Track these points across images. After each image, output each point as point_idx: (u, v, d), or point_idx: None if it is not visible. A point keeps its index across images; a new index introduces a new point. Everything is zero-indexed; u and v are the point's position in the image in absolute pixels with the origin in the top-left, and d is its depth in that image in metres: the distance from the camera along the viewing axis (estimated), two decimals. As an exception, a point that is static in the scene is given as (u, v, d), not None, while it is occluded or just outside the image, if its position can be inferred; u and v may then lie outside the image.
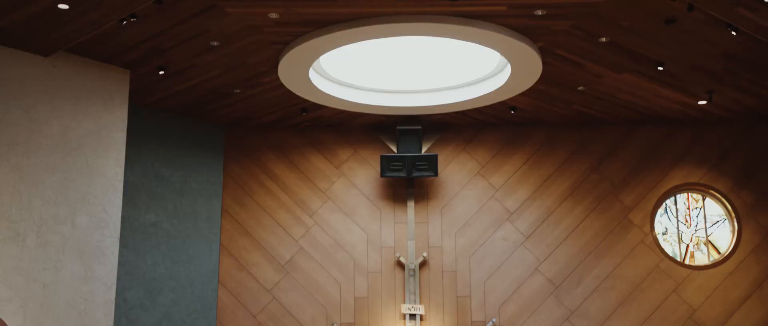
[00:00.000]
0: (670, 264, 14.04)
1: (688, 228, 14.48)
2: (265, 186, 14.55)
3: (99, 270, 11.18)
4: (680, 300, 13.81)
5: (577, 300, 13.94)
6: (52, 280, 10.68)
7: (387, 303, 14.06)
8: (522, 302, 13.99)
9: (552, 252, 14.18)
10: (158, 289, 13.22)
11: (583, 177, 14.49)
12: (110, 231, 11.44)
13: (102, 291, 11.14)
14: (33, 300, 10.44)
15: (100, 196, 11.44)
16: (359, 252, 14.34)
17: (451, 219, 14.43)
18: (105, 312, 11.09)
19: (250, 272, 14.17)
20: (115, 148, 11.75)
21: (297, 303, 14.08)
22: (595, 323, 13.80)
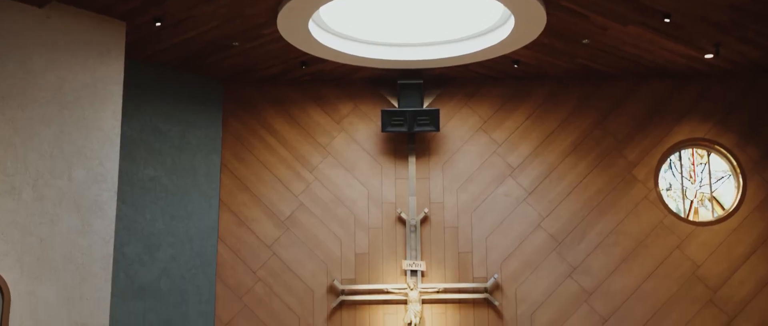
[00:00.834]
0: (673, 220, 13.91)
1: (693, 183, 14.33)
2: (264, 142, 14.38)
3: (96, 225, 11.05)
4: (684, 257, 13.71)
5: (580, 256, 13.83)
6: (48, 234, 10.55)
7: (388, 259, 13.96)
8: (524, 258, 13.89)
9: (554, 208, 14.05)
10: (157, 245, 13.11)
11: (587, 132, 14.31)
12: (108, 185, 11.29)
13: (100, 245, 11.02)
14: (29, 254, 10.32)
15: (97, 150, 11.27)
16: (360, 207, 14.21)
17: (453, 175, 14.28)
18: (103, 266, 10.98)
19: (249, 228, 14.05)
20: (111, 101, 11.56)
21: (297, 258, 13.98)
22: (597, 279, 13.71)
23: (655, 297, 13.57)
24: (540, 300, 13.71)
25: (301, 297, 13.85)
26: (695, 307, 13.49)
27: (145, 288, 12.88)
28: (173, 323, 13.12)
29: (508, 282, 13.82)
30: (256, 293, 13.85)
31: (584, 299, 13.68)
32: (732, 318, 13.42)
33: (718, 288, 13.55)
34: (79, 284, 10.69)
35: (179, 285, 13.27)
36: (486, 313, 13.72)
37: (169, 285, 13.15)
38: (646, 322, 13.48)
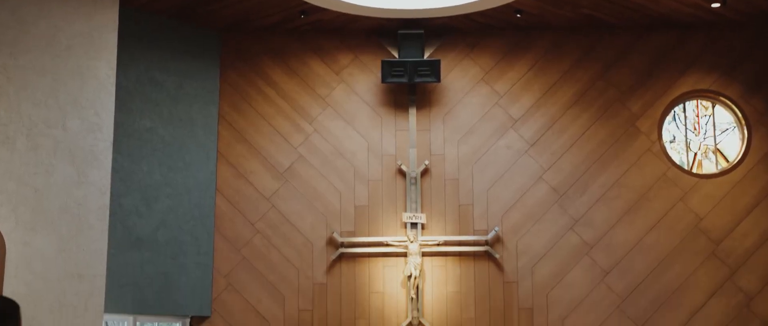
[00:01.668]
0: (677, 172, 13.77)
1: (697, 135, 14.16)
2: (262, 93, 14.18)
3: (92, 175, 10.90)
4: (687, 209, 13.59)
5: (582, 208, 13.72)
6: (44, 184, 10.41)
7: (388, 211, 13.84)
8: (525, 211, 13.77)
9: (557, 160, 13.90)
10: (154, 196, 12.98)
11: (590, 83, 14.10)
12: (103, 135, 11.11)
13: (96, 196, 10.88)
14: (25, 204, 10.19)
15: (92, 99, 11.09)
16: (359, 160, 14.06)
17: (454, 127, 14.11)
18: (99, 217, 10.85)
19: (248, 180, 13.91)
20: (106, 50, 11.34)
21: (296, 211, 13.86)
22: (599, 232, 13.61)
23: (657, 250, 13.48)
24: (541, 252, 13.62)
25: (300, 250, 13.76)
26: (698, 260, 13.40)
27: (143, 239, 12.77)
28: (171, 275, 13.05)
29: (509, 235, 13.72)
30: (255, 245, 13.76)
31: (586, 252, 13.59)
32: (734, 271, 13.34)
33: (721, 240, 13.45)
34: (75, 235, 10.57)
35: (177, 237, 13.17)
36: (486, 266, 13.64)
37: (166, 237, 13.05)
38: (648, 275, 13.40)
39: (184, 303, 13.22)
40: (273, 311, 13.60)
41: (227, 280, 13.63)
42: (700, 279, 13.36)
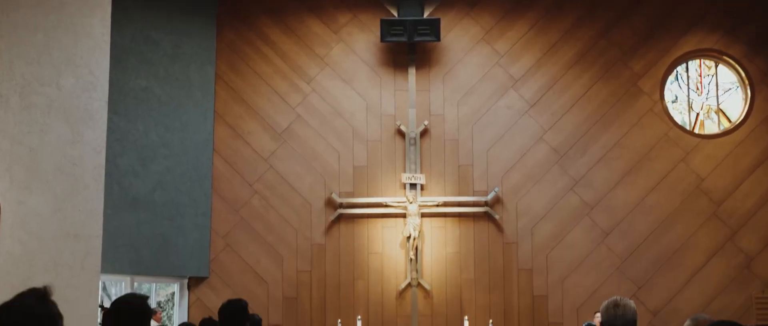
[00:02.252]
0: (679, 132, 13.64)
1: (699, 95, 14.01)
2: (260, 52, 13.99)
3: (87, 135, 10.71)
4: (688, 170, 13.48)
5: (582, 169, 13.61)
6: (38, 144, 10.22)
7: (387, 172, 13.73)
8: (525, 171, 13.66)
9: (557, 120, 13.76)
10: (151, 157, 12.85)
11: (591, 43, 13.92)
12: (98, 94, 10.89)
13: (91, 155, 10.70)
14: (19, 163, 10.02)
15: (86, 57, 10.85)
16: (358, 120, 13.91)
17: (454, 87, 13.94)
18: (95, 176, 10.68)
19: (245, 140, 13.78)
20: (100, 7, 11.08)
21: (295, 171, 13.75)
22: (600, 193, 13.51)
23: (657, 211, 13.40)
24: (541, 213, 13.54)
25: (298, 211, 13.67)
26: (699, 220, 13.33)
27: (140, 200, 12.67)
28: (168, 235, 12.96)
29: (509, 196, 13.63)
30: (253, 206, 13.66)
31: (586, 213, 13.51)
32: (735, 231, 13.27)
33: (723, 201, 13.37)
34: (70, 195, 10.40)
35: (174, 198, 13.06)
36: (486, 227, 13.57)
37: (163, 198, 12.94)
38: (648, 236, 13.34)
39: (182, 263, 13.15)
40: (271, 272, 13.54)
41: (225, 241, 13.56)
42: (700, 239, 13.29)
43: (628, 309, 3.87)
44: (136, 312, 3.58)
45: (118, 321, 3.58)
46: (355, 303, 13.45)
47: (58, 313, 2.63)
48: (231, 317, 4.40)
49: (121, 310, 3.60)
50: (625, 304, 3.89)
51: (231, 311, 4.41)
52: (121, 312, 3.59)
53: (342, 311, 13.39)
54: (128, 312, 3.57)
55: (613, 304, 3.90)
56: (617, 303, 3.90)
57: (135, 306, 3.61)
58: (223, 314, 4.43)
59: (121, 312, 3.59)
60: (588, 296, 13.22)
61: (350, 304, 13.44)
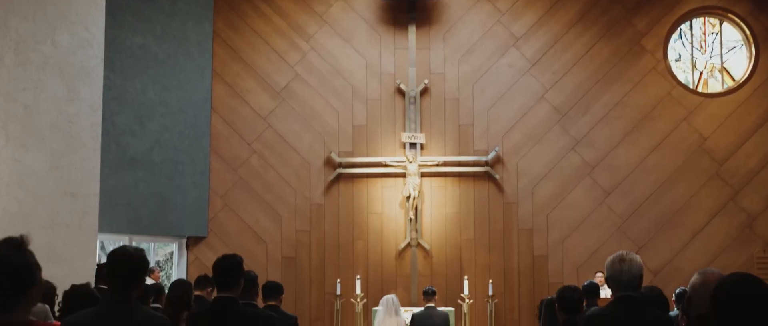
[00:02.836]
0: (682, 91, 13.49)
1: (703, 54, 13.83)
2: (258, 9, 13.79)
3: (83, 92, 10.58)
4: (691, 129, 13.35)
5: (584, 129, 13.48)
6: (33, 101, 10.09)
7: (386, 131, 13.61)
8: (526, 131, 13.53)
9: (559, 79, 13.60)
10: (148, 115, 12.72)
11: (594, 0, 13.71)
12: (94, 51, 10.74)
13: (87, 113, 10.58)
14: (14, 121, 9.90)
15: (81, 14, 10.68)
16: (358, 79, 13.75)
17: (454, 45, 13.76)
18: (91, 134, 10.57)
19: (244, 99, 13.64)
20: (95, -37, 10.91)
21: (293, 130, 13.63)
22: (601, 152, 13.40)
23: (659, 171, 13.30)
24: (542, 173, 13.44)
25: (297, 170, 13.57)
26: (701, 180, 13.23)
27: (137, 158, 12.56)
28: (167, 194, 12.87)
29: (510, 155, 13.52)
30: (252, 165, 13.56)
31: (587, 172, 13.41)
32: (737, 191, 13.18)
33: (725, 160, 13.26)
34: (67, 153, 10.30)
35: (172, 157, 12.95)
36: (486, 187, 13.47)
37: (161, 157, 12.83)
38: (650, 196, 13.25)
39: (180, 223, 13.08)
40: (270, 231, 13.47)
41: (224, 201, 13.48)
42: (702, 199, 13.20)
43: (634, 264, 3.76)
44: (132, 263, 3.47)
45: (114, 273, 3.47)
46: (354, 263, 13.41)
47: (35, 263, 2.53)
48: (225, 273, 4.27)
49: (117, 261, 3.49)
50: (631, 259, 3.78)
51: (225, 266, 4.29)
52: (118, 264, 3.48)
53: (341, 271, 13.34)
54: (125, 264, 3.46)
55: (618, 259, 3.78)
56: (623, 257, 3.78)
57: (132, 256, 3.49)
58: (217, 269, 4.30)
59: (117, 264, 3.48)
60: (588, 256, 13.17)
61: (349, 264, 13.40)
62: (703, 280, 3.03)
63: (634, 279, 3.74)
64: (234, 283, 4.30)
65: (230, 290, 4.29)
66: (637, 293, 3.79)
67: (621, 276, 3.74)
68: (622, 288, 3.76)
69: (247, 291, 5.30)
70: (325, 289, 13.38)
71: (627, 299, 3.74)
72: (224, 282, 4.30)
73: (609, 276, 3.79)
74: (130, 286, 3.46)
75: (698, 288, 3.03)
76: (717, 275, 3.03)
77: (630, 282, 3.75)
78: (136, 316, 3.41)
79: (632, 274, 3.74)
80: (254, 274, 5.45)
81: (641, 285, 3.83)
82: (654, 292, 4.99)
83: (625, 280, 3.74)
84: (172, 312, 5.13)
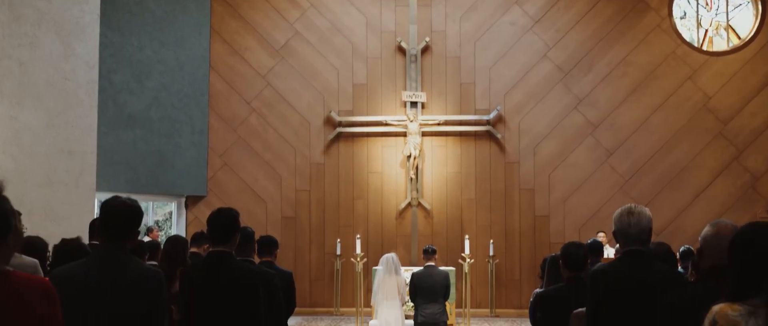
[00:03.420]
0: (686, 49, 13.31)
1: (709, 11, 13.62)
2: (256, -34, 13.59)
3: (79, 48, 10.42)
4: (695, 88, 13.19)
5: (587, 87, 13.32)
6: (28, 57, 9.94)
7: (387, 90, 13.45)
8: (528, 90, 13.38)
9: (562, 37, 13.41)
10: (146, 73, 12.56)
11: (599, -43, 13.50)
12: (89, 6, 10.56)
13: (84, 70, 10.43)
14: (9, 77, 9.75)
15: (76, -31, 10.51)
16: (358, 36, 13.57)
17: (456, 3, 13.55)
18: (88, 91, 10.43)
19: (243, 57, 13.47)
20: None
21: (293, 89, 13.48)
22: (604, 111, 13.26)
23: (662, 130, 13.16)
24: (544, 132, 13.31)
25: (296, 129, 13.44)
26: (704, 140, 13.10)
27: (135, 117, 12.43)
28: (165, 153, 12.76)
29: (512, 115, 13.38)
30: (251, 124, 13.44)
31: (590, 132, 13.28)
32: (741, 151, 13.05)
33: (729, 120, 13.11)
34: (63, 110, 10.17)
35: (170, 115, 12.82)
36: (488, 146, 13.36)
37: (160, 115, 12.69)
38: (653, 155, 13.13)
39: (179, 182, 12.99)
40: (269, 191, 13.39)
41: (223, 160, 13.37)
42: (706, 159, 13.08)
43: (643, 217, 3.63)
44: (126, 212, 3.33)
45: (107, 223, 3.34)
46: (354, 222, 13.33)
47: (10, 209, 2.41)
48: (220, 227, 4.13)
49: (110, 211, 3.35)
50: (640, 212, 3.65)
51: (220, 220, 4.14)
52: (111, 214, 3.34)
53: (341, 230, 13.27)
54: (119, 214, 3.32)
55: (626, 212, 3.65)
56: (631, 210, 3.65)
57: (126, 205, 3.35)
58: (211, 223, 4.16)
59: (110, 214, 3.34)
60: (590, 216, 13.09)
61: (349, 224, 13.32)
62: (716, 231, 2.90)
63: (643, 232, 3.61)
64: (229, 238, 4.17)
65: (225, 244, 4.16)
66: (646, 247, 3.67)
67: (629, 230, 3.61)
68: (630, 243, 3.63)
69: (243, 247, 5.18)
70: (325, 249, 13.32)
71: (635, 253, 3.62)
72: (219, 237, 4.17)
73: (616, 230, 3.66)
74: (123, 237, 3.33)
75: (710, 239, 2.90)
76: (730, 226, 2.91)
77: (638, 235, 3.61)
78: (129, 268, 3.29)
79: (641, 227, 3.61)
80: (251, 230, 5.32)
81: (650, 240, 3.70)
82: (662, 248, 4.87)
83: (633, 234, 3.60)
84: (166, 268, 5.01)
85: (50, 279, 3.36)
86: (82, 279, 3.23)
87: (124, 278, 3.24)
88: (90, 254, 3.41)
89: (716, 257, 2.83)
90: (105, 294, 3.19)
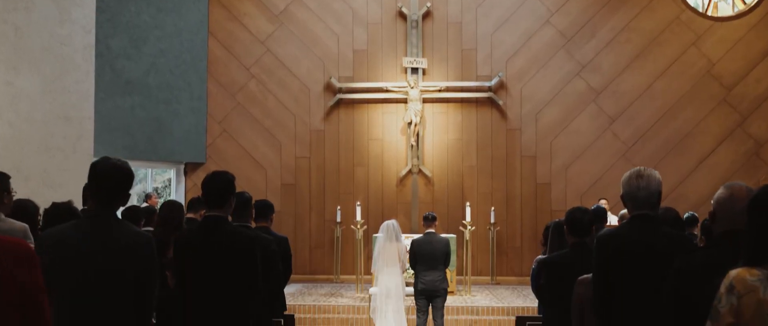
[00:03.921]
0: (691, 15, 13.13)
1: (714, -24, 13.43)
2: (255, -71, 13.38)
3: (75, 13, 10.29)
4: (699, 54, 13.04)
5: (590, 54, 13.17)
6: (24, 21, 9.80)
7: (387, 56, 13.31)
8: (530, 56, 13.23)
9: (564, 2, 13.24)
10: (143, 38, 12.41)
11: None
12: (85, -30, 10.42)
13: (80, 35, 10.32)
14: (5, 42, 9.63)
15: (70, -70, 10.33)
16: (358, 1, 13.40)
17: (458, -33, 13.39)
18: (85, 57, 10.33)
19: (241, 22, 13.31)
20: None
21: (292, 55, 13.33)
22: (607, 78, 13.12)
23: (666, 97, 13.03)
24: (546, 99, 13.19)
25: (296, 95, 13.32)
26: (708, 106, 12.97)
27: (133, 83, 12.30)
28: (164, 120, 12.65)
29: (513, 81, 13.24)
30: (250, 90, 13.31)
31: (592, 98, 13.15)
32: (745, 117, 12.93)
33: (733, 86, 12.98)
34: (60, 75, 10.07)
35: (169, 81, 12.69)
36: (489, 112, 13.24)
37: (158, 81, 12.56)
38: (656, 122, 13.01)
39: (178, 149, 12.89)
40: (269, 158, 13.29)
41: (222, 126, 13.26)
42: (709, 125, 12.96)
43: (653, 180, 3.51)
44: (117, 173, 3.20)
45: (97, 185, 3.20)
46: (354, 189, 13.25)
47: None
48: (215, 190, 4.01)
49: (100, 173, 3.22)
50: (650, 175, 3.52)
51: (215, 184, 4.02)
52: (101, 175, 3.21)
53: (341, 198, 13.19)
54: (110, 175, 3.19)
55: (635, 175, 3.52)
56: (640, 173, 3.52)
57: (117, 166, 3.22)
58: (206, 187, 4.03)
59: (100, 175, 3.21)
60: (592, 183, 13.01)
61: (350, 191, 13.25)
62: (730, 194, 2.79)
63: (652, 196, 3.49)
64: (224, 201, 4.05)
65: (220, 209, 4.05)
66: (655, 212, 3.55)
67: (638, 193, 3.48)
68: (639, 207, 3.50)
69: (240, 212, 5.09)
70: (325, 216, 13.25)
71: (643, 217, 3.50)
72: (214, 201, 4.05)
73: (625, 193, 3.53)
74: (114, 199, 3.21)
75: (724, 202, 2.79)
76: (744, 188, 2.80)
77: (647, 199, 3.49)
78: (119, 231, 3.16)
79: (650, 191, 3.48)
80: (248, 195, 5.22)
81: (659, 204, 3.58)
82: (670, 214, 4.77)
83: (642, 198, 3.48)
84: (161, 233, 4.91)
85: (41, 239, 3.27)
86: (73, 242, 3.12)
87: (117, 243, 3.12)
88: (81, 217, 3.28)
89: (730, 221, 2.73)
90: (96, 258, 3.09)
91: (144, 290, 3.13)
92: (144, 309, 3.15)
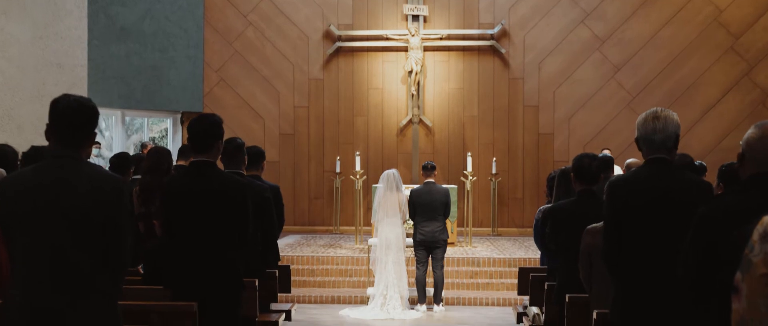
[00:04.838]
0: (698, -40, 12.85)
1: None
2: None
3: (67, -44, 9.99)
4: (706, 1, 12.76)
5: (594, 0, 12.90)
6: (13, -36, 9.52)
7: (388, 3, 13.06)
8: (534, 3, 12.97)
9: (569, -52, 12.95)
10: (138, -17, 12.14)
11: None
12: None
13: (72, -22, 10.02)
14: (-7, -14, 9.35)
15: None
16: (358, -53, 13.12)
17: None
18: (77, 2, 10.02)
19: (238, -33, 13.04)
20: None
21: (290, 2, 13.08)
22: (612, 25, 12.87)
23: (672, 45, 12.79)
24: (549, 47, 12.95)
25: (295, 43, 13.08)
26: (714, 55, 12.73)
27: (128, 30, 12.04)
28: (160, 68, 12.42)
29: (516, 29, 12.99)
30: (248, 38, 13.06)
31: (597, 47, 12.91)
32: (752, 66, 12.70)
33: (741, 34, 12.72)
34: (52, 21, 9.79)
35: (164, 28, 12.43)
36: (491, 61, 13.02)
37: (153, 28, 12.30)
38: (661, 71, 12.79)
39: (174, 97, 12.68)
40: (267, 107, 13.09)
41: (219, 75, 13.04)
42: (715, 74, 12.74)
43: (670, 122, 3.29)
44: (80, 110, 2.90)
45: (61, 125, 2.91)
46: (354, 139, 13.08)
47: None
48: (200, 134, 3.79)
49: (61, 111, 2.91)
50: (667, 116, 3.30)
51: (200, 127, 3.80)
52: (61, 113, 2.91)
53: (340, 148, 13.02)
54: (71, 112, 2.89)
55: (652, 116, 3.30)
56: (657, 114, 3.30)
57: (79, 102, 2.92)
58: (192, 131, 3.80)
59: (61, 113, 2.91)
60: (595, 134, 12.84)
61: (349, 141, 13.07)
62: (762, 134, 2.57)
63: (669, 139, 3.27)
64: (210, 146, 3.83)
65: (207, 153, 3.83)
66: (672, 156, 3.35)
67: (653, 136, 3.27)
68: (655, 150, 3.29)
69: (232, 158, 4.88)
70: (324, 166, 13.09)
71: (659, 161, 3.29)
72: (199, 145, 3.83)
73: (639, 136, 3.32)
74: (79, 139, 2.91)
75: (754, 143, 2.57)
76: (777, 127, 2.58)
77: (664, 142, 3.27)
78: (84, 173, 2.89)
79: (667, 133, 3.26)
80: (240, 141, 4.98)
81: (677, 148, 3.37)
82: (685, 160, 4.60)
83: (658, 140, 3.26)
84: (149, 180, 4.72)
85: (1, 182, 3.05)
86: (32, 185, 2.88)
87: (82, 185, 2.87)
88: (45, 158, 3.00)
89: (761, 163, 2.54)
90: (58, 201, 2.84)
91: (113, 235, 2.90)
92: (116, 256, 2.93)
